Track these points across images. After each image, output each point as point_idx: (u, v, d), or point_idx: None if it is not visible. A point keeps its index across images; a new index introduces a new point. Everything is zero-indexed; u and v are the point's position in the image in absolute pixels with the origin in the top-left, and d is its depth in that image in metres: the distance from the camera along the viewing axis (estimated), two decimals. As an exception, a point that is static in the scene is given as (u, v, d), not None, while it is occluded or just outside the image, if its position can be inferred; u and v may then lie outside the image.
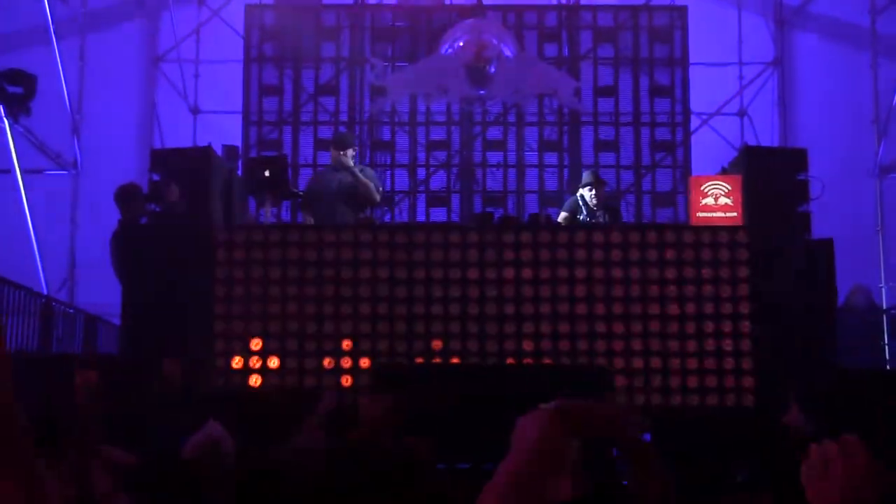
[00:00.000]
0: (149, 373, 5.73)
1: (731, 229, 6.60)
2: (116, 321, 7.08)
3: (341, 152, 7.44)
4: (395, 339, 6.44)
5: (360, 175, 7.38)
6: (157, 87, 11.68)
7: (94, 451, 3.28)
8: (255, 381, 6.36)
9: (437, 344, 6.42)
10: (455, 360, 6.38)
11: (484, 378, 5.81)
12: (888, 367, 8.57)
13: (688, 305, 6.47)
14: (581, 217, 7.61)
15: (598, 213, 7.64)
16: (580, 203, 7.69)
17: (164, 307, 6.33)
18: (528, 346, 6.41)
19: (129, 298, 6.47)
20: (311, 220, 7.40)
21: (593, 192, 7.69)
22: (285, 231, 6.71)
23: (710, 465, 4.48)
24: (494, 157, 10.53)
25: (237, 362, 6.38)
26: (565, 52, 10.47)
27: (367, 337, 6.44)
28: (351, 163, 7.45)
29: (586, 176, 7.88)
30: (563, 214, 7.82)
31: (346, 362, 6.41)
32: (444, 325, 6.45)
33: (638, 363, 6.39)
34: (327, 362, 6.40)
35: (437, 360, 6.34)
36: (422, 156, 10.60)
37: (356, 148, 8.04)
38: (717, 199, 6.83)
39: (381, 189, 7.72)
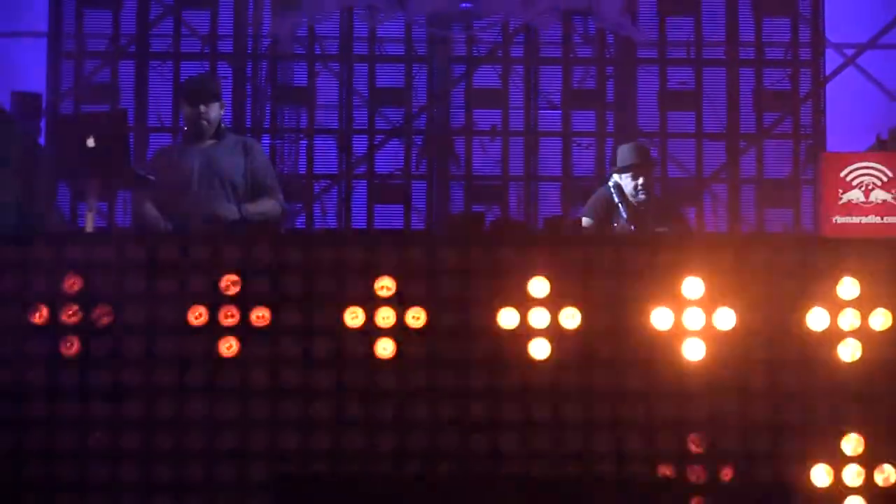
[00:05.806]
0: None
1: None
2: None
3: (201, 108, 7.58)
4: (312, 432, 6.50)
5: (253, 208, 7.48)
6: None
7: None
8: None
9: (385, 442, 6.49)
10: (415, 469, 6.45)
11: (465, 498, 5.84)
12: None
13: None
14: (617, 223, 7.72)
15: (646, 217, 7.75)
16: (614, 198, 7.81)
17: None
18: (542, 443, 6.50)
19: None
20: (166, 225, 7.48)
21: (639, 180, 7.83)
22: (122, 245, 6.72)
23: None
24: (487, 118, 10.62)
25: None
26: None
27: (264, 426, 6.50)
28: (219, 123, 7.62)
29: (625, 153, 8.03)
30: (584, 220, 7.97)
31: (226, 472, 6.47)
32: (399, 406, 6.51)
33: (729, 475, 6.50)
34: (195, 474, 6.45)
35: (385, 469, 6.40)
36: (361, 115, 10.65)
37: (223, 103, 8.18)
38: (868, 194, 6.97)
39: (281, 199, 7.83)
